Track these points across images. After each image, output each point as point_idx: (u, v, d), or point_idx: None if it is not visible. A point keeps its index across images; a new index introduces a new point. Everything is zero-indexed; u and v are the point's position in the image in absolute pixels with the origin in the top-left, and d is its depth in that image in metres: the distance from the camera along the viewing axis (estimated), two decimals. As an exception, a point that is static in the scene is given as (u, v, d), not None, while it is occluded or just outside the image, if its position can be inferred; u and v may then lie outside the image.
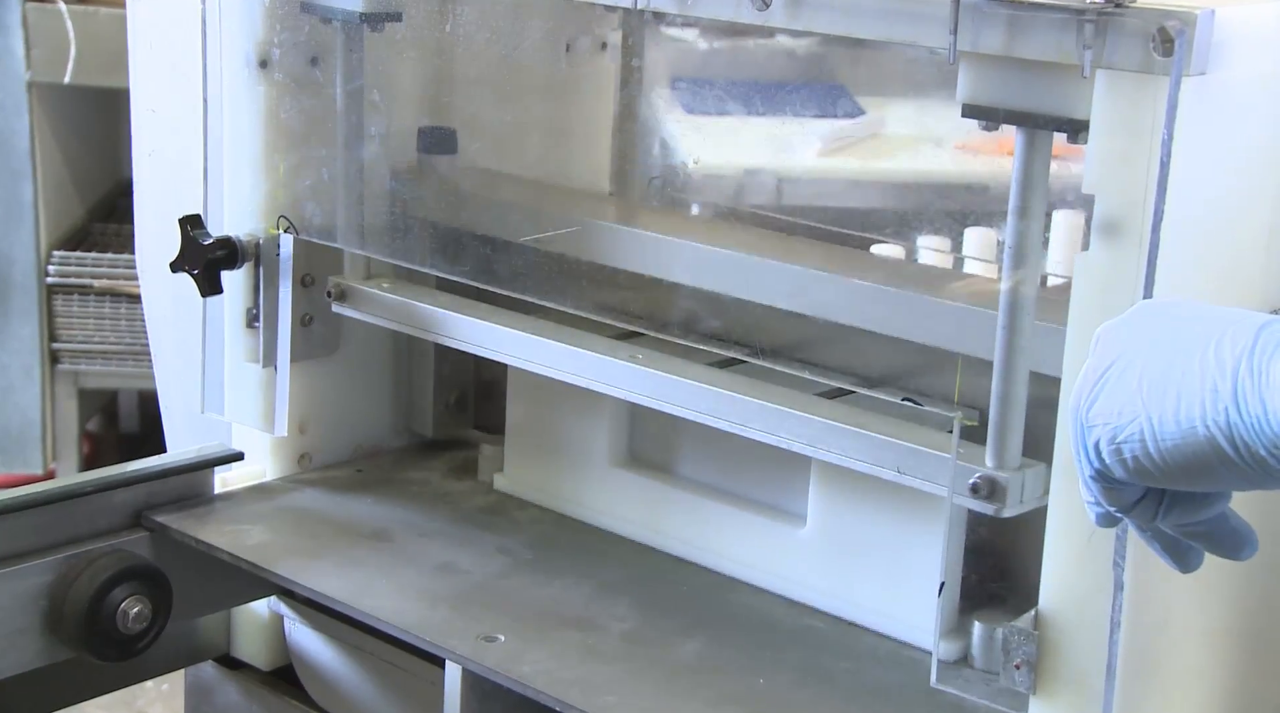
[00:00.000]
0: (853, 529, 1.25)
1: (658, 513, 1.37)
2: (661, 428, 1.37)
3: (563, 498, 1.43)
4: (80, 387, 3.10)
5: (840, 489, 1.26)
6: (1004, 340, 1.07)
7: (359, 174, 1.43)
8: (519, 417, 1.46)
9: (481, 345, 1.37)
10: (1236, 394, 0.81)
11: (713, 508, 1.34)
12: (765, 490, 1.32)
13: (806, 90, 1.47)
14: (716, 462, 1.35)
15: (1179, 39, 0.95)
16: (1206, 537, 0.91)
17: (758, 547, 1.31)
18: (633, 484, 1.39)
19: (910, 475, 1.13)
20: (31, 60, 2.91)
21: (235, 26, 1.40)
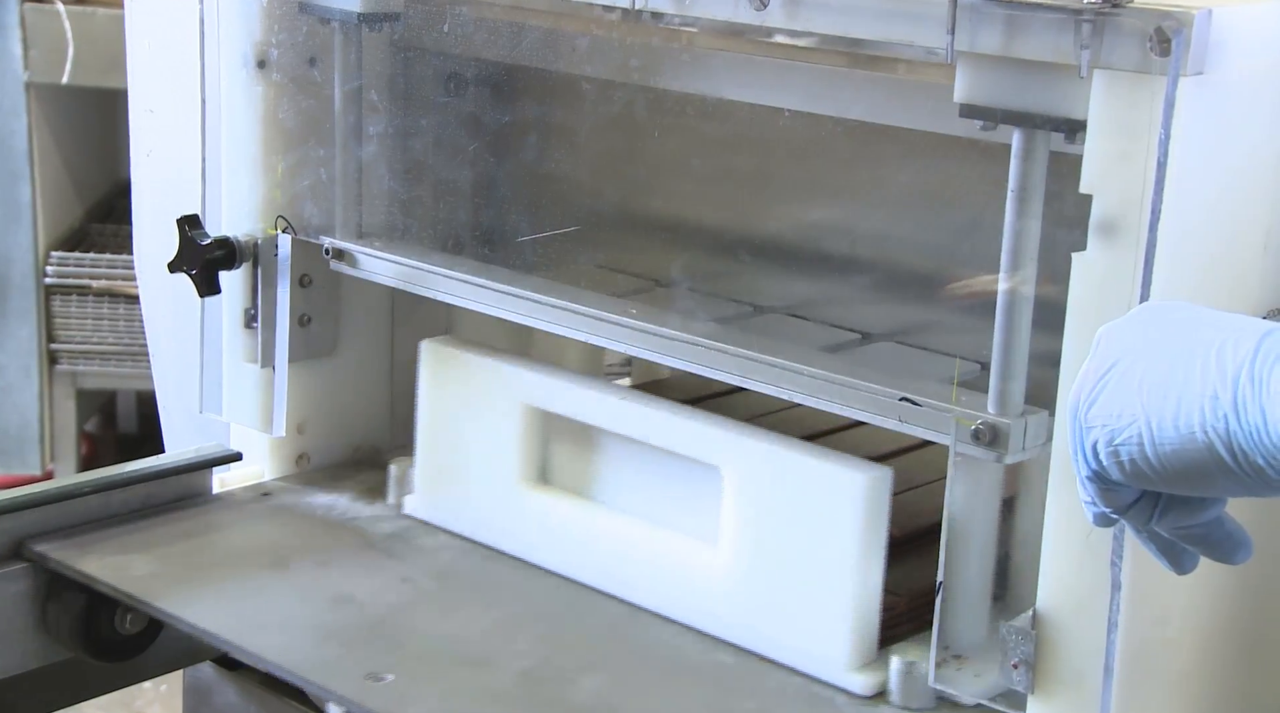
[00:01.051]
0: (765, 559, 1.19)
1: (569, 539, 1.30)
2: (575, 448, 1.31)
3: (472, 523, 1.36)
4: (79, 387, 3.10)
5: (753, 515, 1.20)
6: (1006, 285, 1.07)
7: (357, 174, 1.43)
8: (429, 435, 1.38)
9: (474, 301, 1.35)
10: (1236, 402, 0.81)
11: (625, 534, 1.27)
12: (678, 516, 1.26)
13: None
14: (631, 484, 1.28)
15: (1176, 39, 0.95)
16: (1202, 540, 0.91)
17: (668, 576, 1.25)
18: (543, 508, 1.32)
19: (912, 424, 1.12)
20: (29, 61, 2.91)
21: (233, 27, 1.40)
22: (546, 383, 1.30)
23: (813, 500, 1.16)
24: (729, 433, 1.20)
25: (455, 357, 1.35)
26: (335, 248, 1.41)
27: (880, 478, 1.15)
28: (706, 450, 1.21)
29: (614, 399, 1.27)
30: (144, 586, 1.26)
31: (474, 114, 1.50)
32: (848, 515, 1.15)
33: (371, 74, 1.44)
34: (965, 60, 1.05)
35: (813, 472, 1.16)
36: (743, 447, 1.19)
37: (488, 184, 1.53)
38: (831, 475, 1.16)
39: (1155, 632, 1.05)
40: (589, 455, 1.30)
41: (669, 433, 1.23)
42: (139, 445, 3.40)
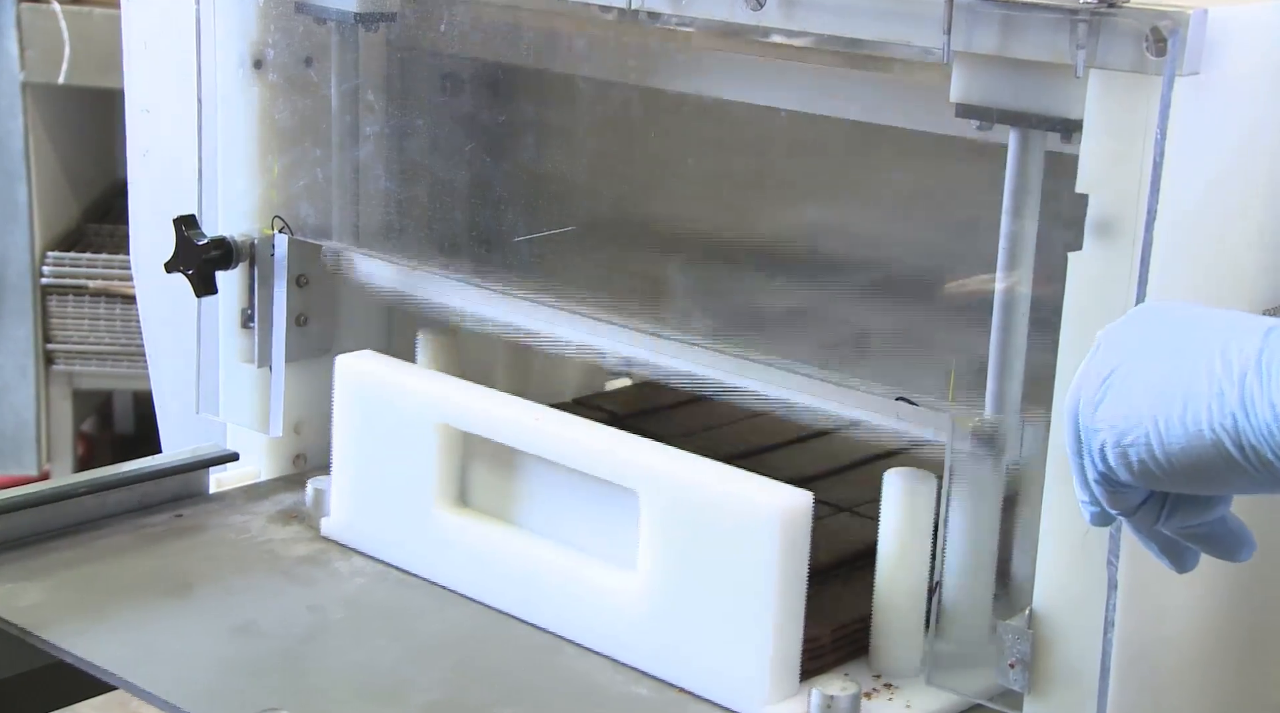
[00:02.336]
0: (683, 587, 1.14)
1: (487, 564, 1.24)
2: (496, 469, 1.26)
3: (389, 546, 1.31)
4: (75, 388, 3.10)
5: (670, 541, 1.15)
6: (1004, 285, 1.07)
7: (354, 174, 1.43)
8: (346, 455, 1.32)
9: (473, 304, 1.35)
10: (1244, 398, 0.81)
11: (543, 559, 1.22)
12: (598, 541, 1.20)
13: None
14: (552, 508, 1.24)
15: (1172, 39, 0.95)
16: (1206, 538, 0.91)
17: (586, 604, 1.19)
18: (461, 531, 1.26)
19: (909, 424, 1.13)
20: (26, 61, 2.91)
21: (230, 27, 1.40)
22: (463, 402, 1.25)
23: (730, 527, 1.11)
24: (646, 456, 1.16)
25: (371, 373, 1.30)
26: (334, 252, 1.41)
27: (800, 505, 1.10)
28: (623, 473, 1.16)
29: (530, 419, 1.22)
30: (31, 617, 1.20)
31: (470, 114, 1.50)
32: (766, 543, 1.09)
33: (368, 74, 1.44)
34: (961, 60, 1.05)
35: (730, 497, 1.11)
36: (659, 470, 1.14)
37: (484, 185, 1.53)
38: (749, 501, 1.11)
39: (1152, 631, 1.05)
40: (510, 477, 1.25)
41: (585, 455, 1.18)
42: (135, 446, 3.39)
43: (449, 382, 1.29)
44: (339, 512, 1.34)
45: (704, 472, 1.14)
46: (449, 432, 1.26)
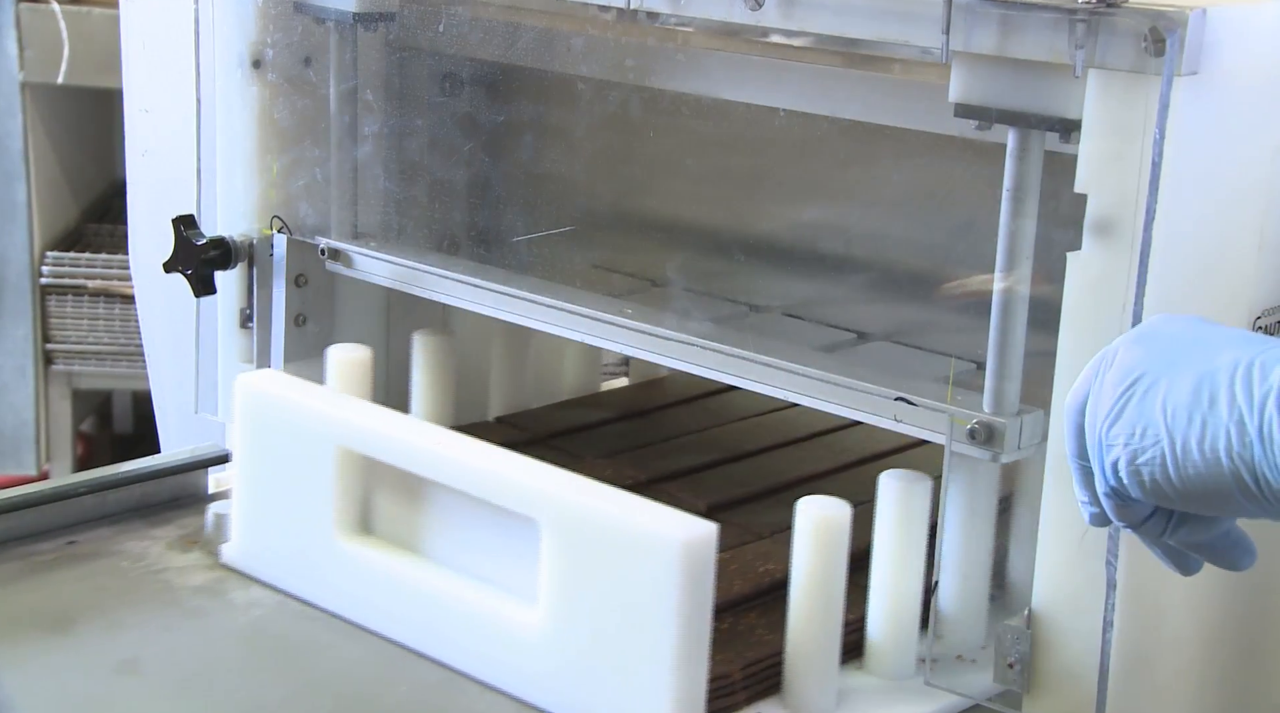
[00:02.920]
0: (584, 622, 1.08)
1: (387, 594, 1.18)
2: (399, 495, 1.20)
3: (289, 575, 1.24)
4: (74, 387, 3.10)
5: (571, 574, 1.09)
6: (1002, 283, 1.07)
7: (353, 174, 1.43)
8: (246, 478, 1.25)
9: (470, 301, 1.35)
10: (1263, 431, 0.81)
11: (443, 590, 1.15)
12: (501, 571, 1.14)
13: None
14: (456, 536, 1.17)
15: (1171, 39, 0.95)
16: (1209, 549, 0.91)
17: (486, 638, 1.13)
18: (361, 560, 1.19)
19: (907, 424, 1.12)
20: (25, 61, 2.91)
21: (228, 27, 1.40)
22: (362, 424, 1.19)
23: (631, 559, 1.05)
24: (547, 483, 1.10)
25: (270, 393, 1.23)
26: (331, 248, 1.41)
27: (703, 536, 1.04)
28: (522, 501, 1.10)
29: (430, 444, 1.16)
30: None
31: (469, 114, 1.50)
32: (667, 576, 1.03)
33: (366, 74, 1.44)
34: (960, 60, 1.05)
35: (630, 527, 1.05)
36: (560, 498, 1.08)
37: (483, 184, 1.53)
38: (650, 533, 1.04)
39: (1151, 631, 1.05)
40: (414, 504, 1.19)
41: (484, 481, 1.12)
42: (134, 446, 3.39)
43: (350, 403, 1.23)
44: (239, 538, 1.27)
45: (605, 500, 1.08)
46: (349, 455, 1.19)
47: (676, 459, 1.42)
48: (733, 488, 1.36)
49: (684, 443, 1.46)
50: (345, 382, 1.36)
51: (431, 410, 1.45)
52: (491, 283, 1.33)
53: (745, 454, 1.44)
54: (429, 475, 1.15)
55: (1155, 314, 0.95)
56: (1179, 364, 0.85)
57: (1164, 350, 0.87)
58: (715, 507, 1.32)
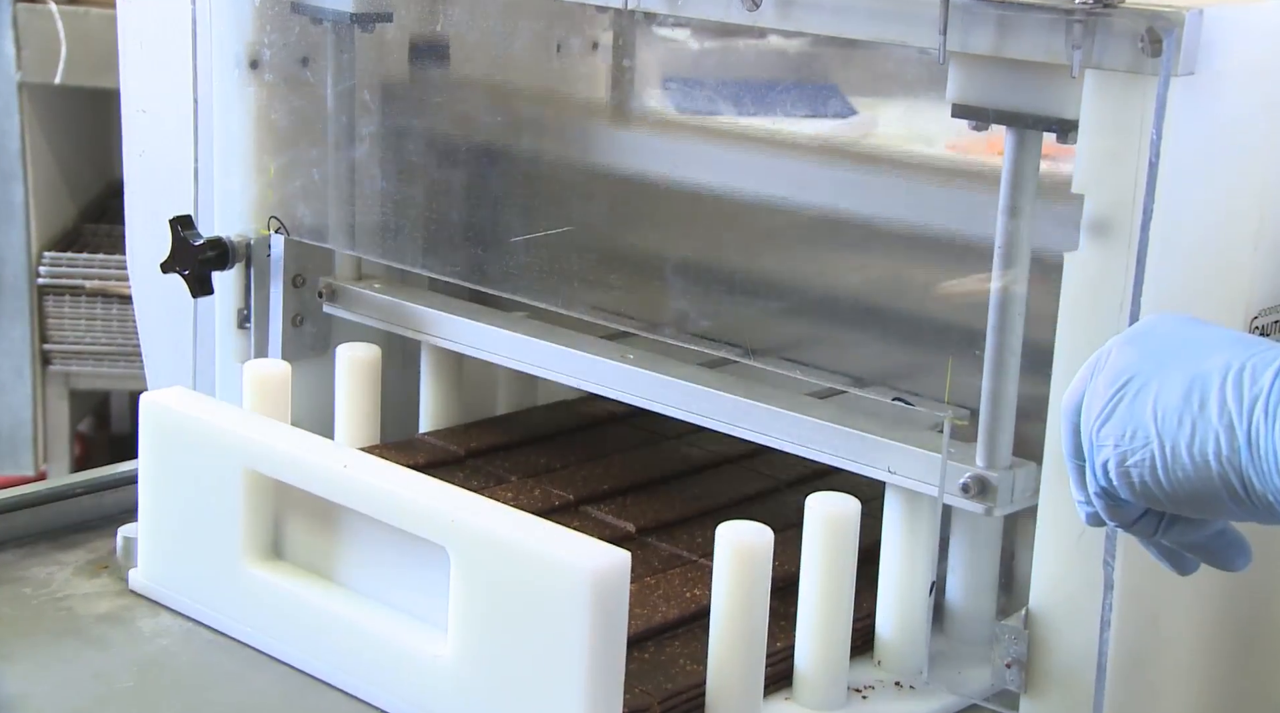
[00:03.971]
0: (493, 652, 1.04)
1: (298, 623, 1.13)
2: (312, 520, 1.15)
3: (197, 602, 1.19)
4: (71, 388, 3.09)
5: (480, 603, 1.04)
6: (994, 339, 1.07)
7: (350, 174, 1.43)
8: (153, 501, 1.21)
9: (472, 345, 1.37)
10: (1250, 436, 0.81)
11: (353, 619, 1.11)
12: (413, 599, 1.10)
13: (798, 89, 1.47)
14: (368, 562, 1.13)
15: (1167, 39, 0.95)
16: (1204, 549, 0.91)
17: (395, 668, 1.09)
18: (269, 587, 1.15)
19: (901, 476, 1.13)
20: (22, 61, 2.91)
21: (226, 27, 1.40)
22: (270, 445, 1.14)
23: (541, 588, 1.01)
24: (456, 510, 1.06)
25: (176, 411, 1.19)
26: (329, 287, 1.42)
27: (615, 565, 1.00)
28: (432, 528, 1.06)
29: (338, 467, 1.11)
30: None
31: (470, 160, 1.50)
32: (577, 607, 0.98)
33: (364, 74, 1.44)
34: (957, 60, 1.05)
35: (540, 556, 1.01)
36: (469, 524, 1.04)
37: (480, 188, 1.53)
38: (559, 562, 1.00)
39: (1148, 631, 1.05)
40: (326, 528, 1.15)
41: (393, 506, 1.08)
42: (132, 446, 3.39)
43: (258, 423, 1.19)
44: (147, 563, 1.22)
45: (515, 527, 1.04)
46: (257, 478, 1.15)
47: (605, 479, 1.36)
48: (663, 510, 1.32)
49: (614, 462, 1.41)
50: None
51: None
52: (492, 326, 1.35)
53: (678, 474, 1.39)
54: (337, 500, 1.11)
55: (1150, 314, 0.95)
56: (1170, 366, 0.85)
57: (1156, 351, 0.87)
58: (645, 529, 1.29)
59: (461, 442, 1.42)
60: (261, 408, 1.27)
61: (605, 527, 1.29)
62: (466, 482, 1.34)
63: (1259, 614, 1.12)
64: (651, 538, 1.28)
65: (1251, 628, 1.12)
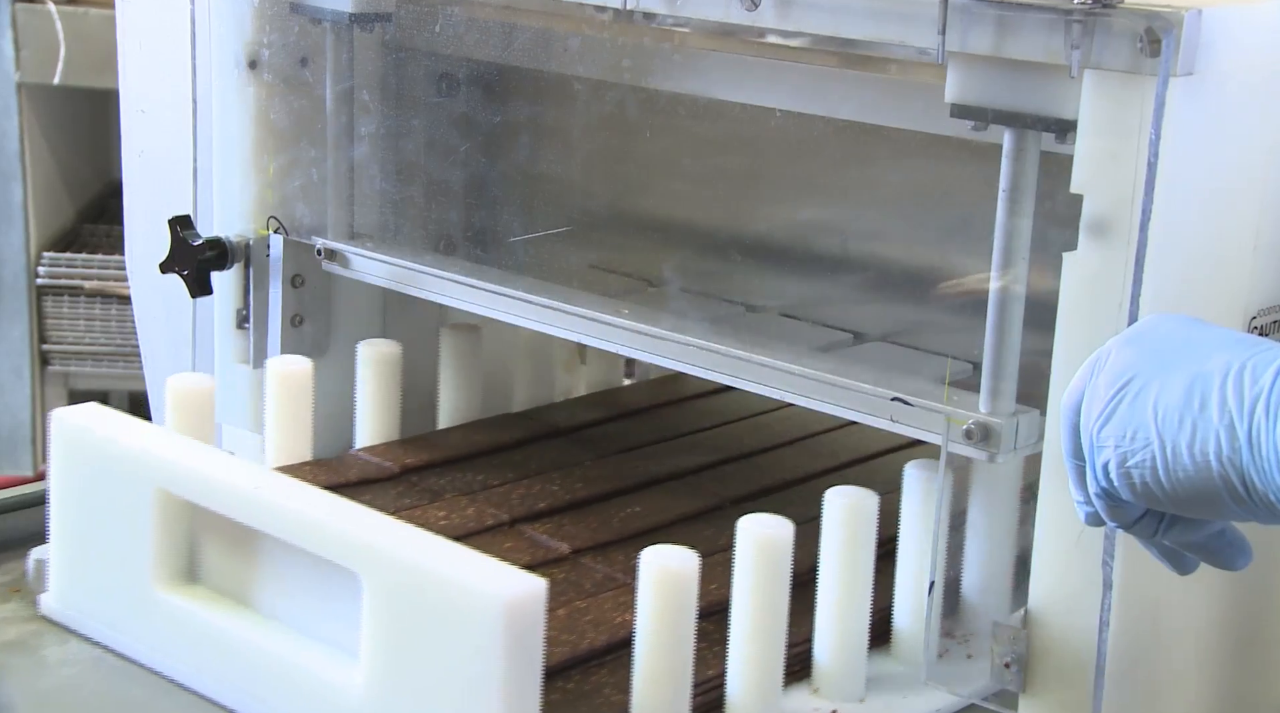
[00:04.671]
0: (405, 682, 1.00)
1: (210, 650, 1.09)
2: (227, 543, 1.10)
3: (108, 628, 1.14)
4: (71, 388, 3.09)
5: (392, 631, 1.00)
6: (997, 286, 1.07)
7: (349, 174, 1.43)
8: (63, 523, 1.15)
9: (466, 301, 1.34)
10: (1251, 435, 0.81)
11: (267, 647, 1.07)
12: (327, 627, 1.06)
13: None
14: (284, 588, 1.09)
15: (1166, 39, 0.95)
16: (1204, 549, 0.91)
17: (307, 697, 1.05)
18: (182, 612, 1.10)
19: (904, 424, 1.12)
20: (21, 61, 2.91)
21: (224, 27, 1.40)
22: (184, 466, 1.09)
23: (453, 618, 0.96)
24: (368, 532, 1.01)
25: (88, 429, 1.14)
26: (327, 248, 1.41)
27: (530, 594, 0.95)
28: (344, 553, 1.02)
29: (250, 488, 1.07)
30: None
31: (465, 114, 1.50)
32: (490, 638, 0.94)
33: (363, 74, 1.44)
34: (956, 60, 1.05)
35: (452, 584, 0.97)
36: (381, 549, 1.00)
37: (479, 184, 1.53)
38: (471, 589, 0.96)
39: (1147, 631, 1.05)
40: (241, 552, 1.10)
41: (304, 530, 1.04)
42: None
43: (173, 442, 1.13)
44: (58, 587, 1.17)
45: (428, 552, 0.99)
46: (169, 499, 1.10)
47: (544, 497, 1.33)
48: (600, 530, 1.28)
49: (554, 479, 1.37)
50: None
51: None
52: (487, 283, 1.33)
53: (620, 491, 1.35)
54: (248, 522, 1.07)
55: (1150, 314, 0.95)
56: (1171, 366, 0.85)
57: (1156, 352, 0.87)
58: (580, 550, 1.25)
59: (397, 458, 1.38)
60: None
61: (540, 547, 1.25)
62: (400, 499, 1.32)
63: (1259, 614, 1.12)
64: (587, 559, 1.24)
65: (1251, 627, 1.12)
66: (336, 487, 1.30)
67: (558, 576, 1.20)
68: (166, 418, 1.26)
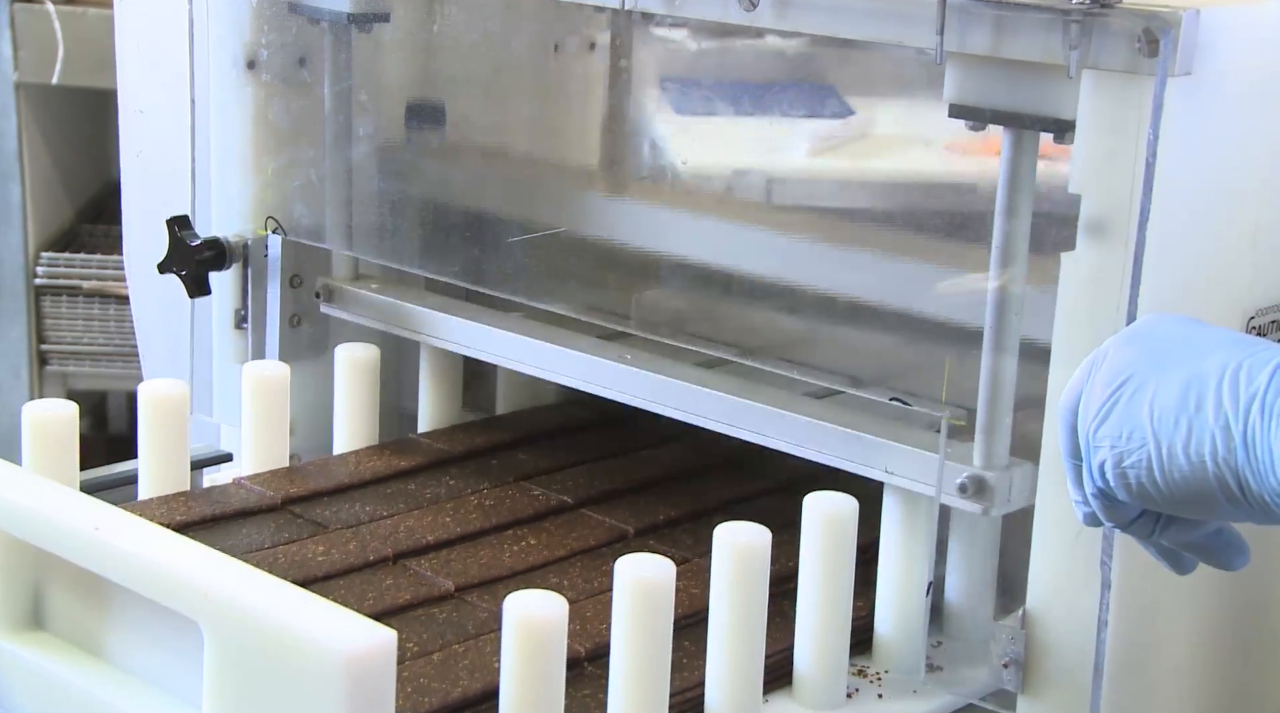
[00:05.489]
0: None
1: (51, 702, 1.03)
2: (72, 585, 1.04)
3: None
4: (69, 388, 3.09)
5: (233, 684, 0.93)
6: (991, 339, 1.07)
7: (347, 174, 1.43)
8: None
9: (469, 345, 1.37)
10: (1246, 436, 0.81)
11: (108, 699, 1.01)
12: (167, 674, 1.00)
13: (795, 90, 1.47)
14: (127, 634, 1.03)
15: (1164, 39, 0.95)
16: (1201, 549, 0.91)
17: None
18: (22, 660, 1.04)
19: (899, 476, 1.13)
20: (19, 61, 2.91)
21: (223, 27, 1.40)
22: (21, 505, 1.02)
23: (295, 671, 0.90)
24: (208, 579, 0.94)
25: None
26: (327, 287, 1.42)
27: (378, 647, 0.88)
28: (183, 601, 0.95)
29: (90, 529, 0.99)
30: None
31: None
32: (332, 694, 0.87)
33: (361, 74, 1.44)
34: (954, 60, 1.05)
35: (294, 636, 0.90)
36: (221, 597, 0.93)
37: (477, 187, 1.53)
38: (313, 643, 0.89)
39: (1145, 630, 1.05)
40: (86, 596, 1.03)
41: (145, 576, 0.97)
42: (129, 446, 3.39)
43: (14, 479, 1.07)
44: None
45: (269, 600, 0.92)
46: (9, 540, 1.04)
47: (433, 529, 1.25)
48: (491, 564, 1.21)
49: (444, 510, 1.29)
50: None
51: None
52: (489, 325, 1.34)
53: (516, 522, 1.28)
54: (89, 566, 1.00)
55: (1148, 314, 0.95)
56: (1168, 366, 0.85)
57: (1153, 352, 0.87)
58: (466, 587, 1.17)
59: (280, 487, 1.29)
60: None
61: (423, 584, 1.17)
62: (279, 533, 1.24)
63: (1256, 613, 1.12)
64: (472, 596, 1.16)
65: (1249, 627, 1.12)
66: (214, 519, 1.24)
67: (439, 615, 1.13)
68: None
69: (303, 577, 1.15)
